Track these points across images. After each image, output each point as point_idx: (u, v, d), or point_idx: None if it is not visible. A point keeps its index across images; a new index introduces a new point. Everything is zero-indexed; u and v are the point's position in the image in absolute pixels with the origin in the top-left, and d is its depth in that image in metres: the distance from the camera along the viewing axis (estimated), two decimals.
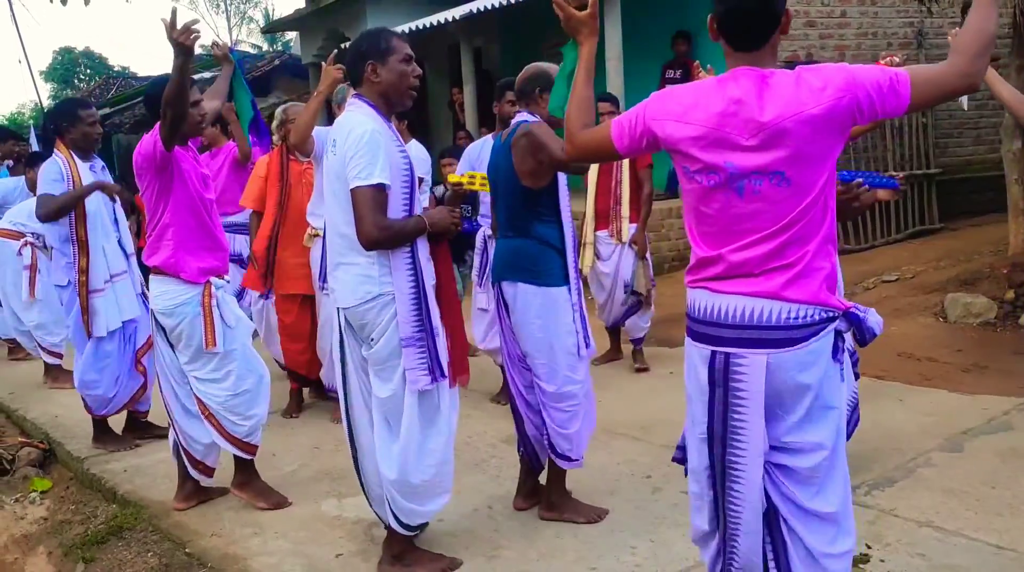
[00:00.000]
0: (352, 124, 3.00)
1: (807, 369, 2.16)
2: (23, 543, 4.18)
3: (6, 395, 6.31)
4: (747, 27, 2.13)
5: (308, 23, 13.53)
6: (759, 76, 2.11)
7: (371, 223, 2.92)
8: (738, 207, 2.15)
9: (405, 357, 3.03)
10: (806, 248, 2.13)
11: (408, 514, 3.16)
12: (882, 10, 9.12)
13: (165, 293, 3.77)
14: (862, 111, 2.06)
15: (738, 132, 2.10)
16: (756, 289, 2.15)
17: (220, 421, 3.85)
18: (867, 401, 4.96)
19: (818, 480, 2.23)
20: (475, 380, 5.69)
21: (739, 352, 2.18)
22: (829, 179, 2.15)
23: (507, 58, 11.68)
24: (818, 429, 2.21)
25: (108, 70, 34.84)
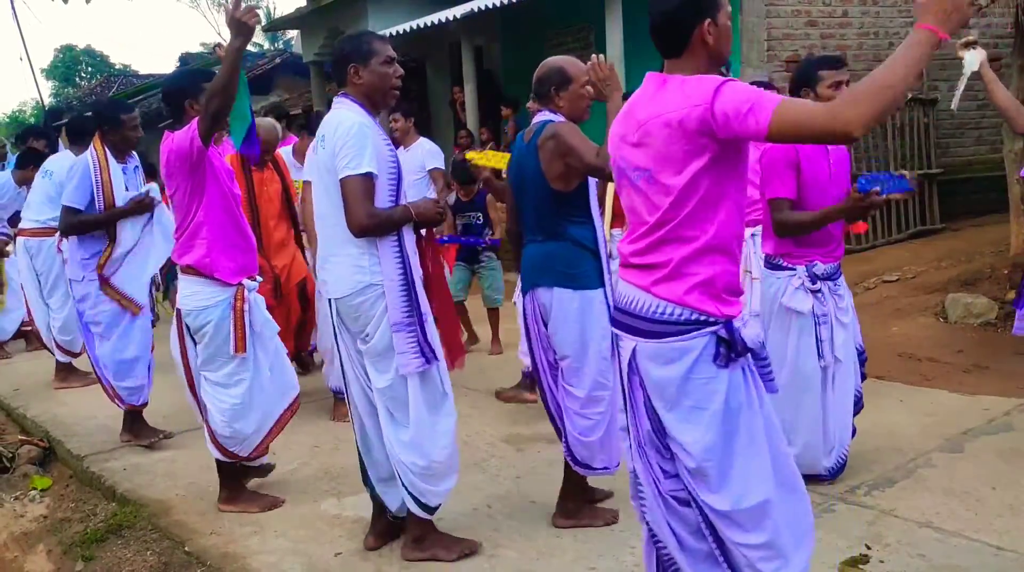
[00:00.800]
0: (340, 119, 3.13)
1: (668, 364, 2.25)
2: (23, 541, 4.19)
3: (8, 392, 6.31)
4: (664, 37, 2.29)
5: (309, 21, 13.52)
6: (660, 80, 2.28)
7: (360, 211, 3.04)
8: (626, 200, 2.36)
9: (396, 342, 3.13)
10: (678, 251, 2.23)
11: (427, 495, 3.27)
12: (884, 9, 9.11)
13: (197, 293, 3.70)
14: (717, 125, 2.10)
15: (628, 130, 2.30)
16: (633, 280, 2.32)
17: (213, 428, 3.80)
18: (867, 401, 4.96)
19: (708, 479, 2.27)
20: (475, 378, 5.70)
21: (619, 334, 2.38)
22: (708, 186, 2.18)
23: (508, 57, 11.68)
24: (690, 429, 2.26)
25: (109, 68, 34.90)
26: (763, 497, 2.27)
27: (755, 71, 8.25)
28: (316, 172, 3.25)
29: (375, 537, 3.48)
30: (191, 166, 3.60)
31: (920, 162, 9.07)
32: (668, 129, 2.17)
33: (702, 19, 2.25)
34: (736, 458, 2.26)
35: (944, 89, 9.49)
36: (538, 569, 3.27)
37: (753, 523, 2.27)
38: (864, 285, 7.35)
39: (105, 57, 38.28)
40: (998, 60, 9.71)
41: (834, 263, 3.82)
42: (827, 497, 3.72)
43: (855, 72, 9.18)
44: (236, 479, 3.97)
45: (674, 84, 2.23)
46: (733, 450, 2.26)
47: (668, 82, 2.25)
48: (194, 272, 3.70)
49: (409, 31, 10.25)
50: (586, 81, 3.32)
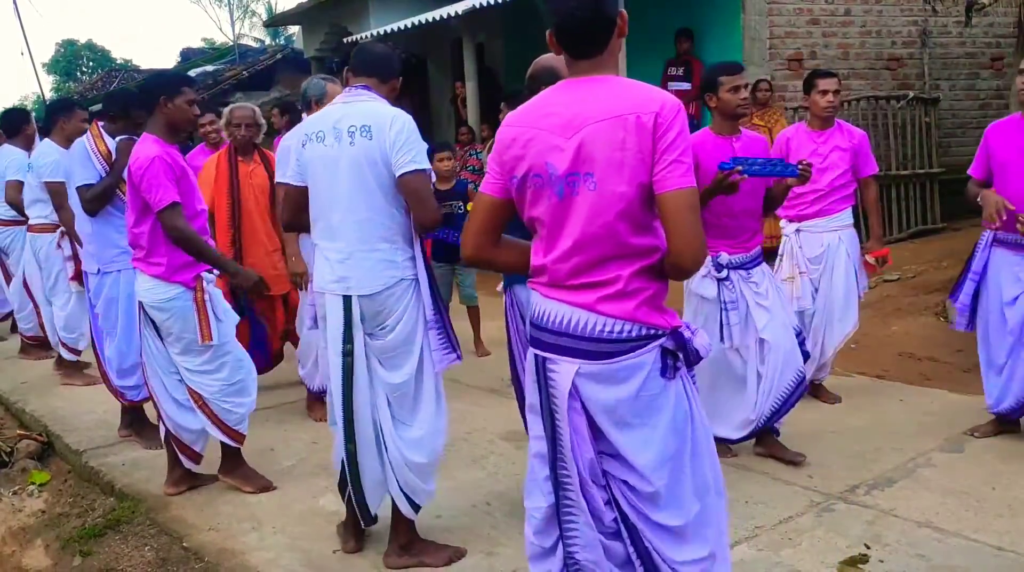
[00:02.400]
0: (391, 111, 3.11)
1: (619, 384, 2.13)
2: (21, 536, 4.18)
3: (8, 389, 6.30)
4: (589, 34, 2.14)
5: (311, 17, 13.50)
6: (585, 82, 2.16)
7: (434, 205, 3.10)
8: (548, 211, 2.19)
9: (432, 339, 3.20)
10: (627, 267, 2.12)
11: (419, 494, 3.28)
12: (886, 8, 9.09)
13: (155, 288, 3.79)
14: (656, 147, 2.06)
15: (555, 133, 2.14)
16: (569, 298, 2.17)
17: (214, 409, 3.91)
18: (867, 400, 4.97)
19: (659, 497, 2.18)
20: (475, 375, 5.70)
21: (553, 357, 2.19)
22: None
23: (510, 54, 11.65)
24: (638, 447, 2.16)
25: (111, 63, 34.85)
26: (706, 504, 2.23)
27: (758, 69, 8.23)
28: (338, 166, 3.10)
29: (356, 541, 3.45)
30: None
31: (921, 161, 9.05)
32: (622, 131, 2.04)
33: (617, 11, 2.16)
34: (684, 471, 2.19)
35: (946, 88, 9.49)
36: None
37: (699, 533, 2.21)
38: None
39: (106, 52, 38.20)
40: (1001, 59, 9.72)
41: (745, 254, 3.99)
42: (827, 496, 3.72)
43: (857, 71, 9.24)
44: (238, 453, 4.10)
45: (611, 84, 2.12)
46: (682, 463, 2.19)
47: (600, 83, 2.13)
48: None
49: (411, 27, 10.23)
50: None
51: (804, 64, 8.62)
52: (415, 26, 10.11)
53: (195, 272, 3.81)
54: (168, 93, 3.77)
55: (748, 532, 3.41)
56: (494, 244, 2.34)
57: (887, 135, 8.84)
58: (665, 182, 2.03)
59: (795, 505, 3.64)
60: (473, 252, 2.35)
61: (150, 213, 3.74)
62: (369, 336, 3.16)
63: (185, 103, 3.81)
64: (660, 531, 2.20)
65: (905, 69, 9.28)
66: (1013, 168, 4.08)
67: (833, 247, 4.73)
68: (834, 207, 4.72)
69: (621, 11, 2.16)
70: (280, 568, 3.36)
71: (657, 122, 2.02)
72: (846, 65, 8.90)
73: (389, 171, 3.06)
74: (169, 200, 3.65)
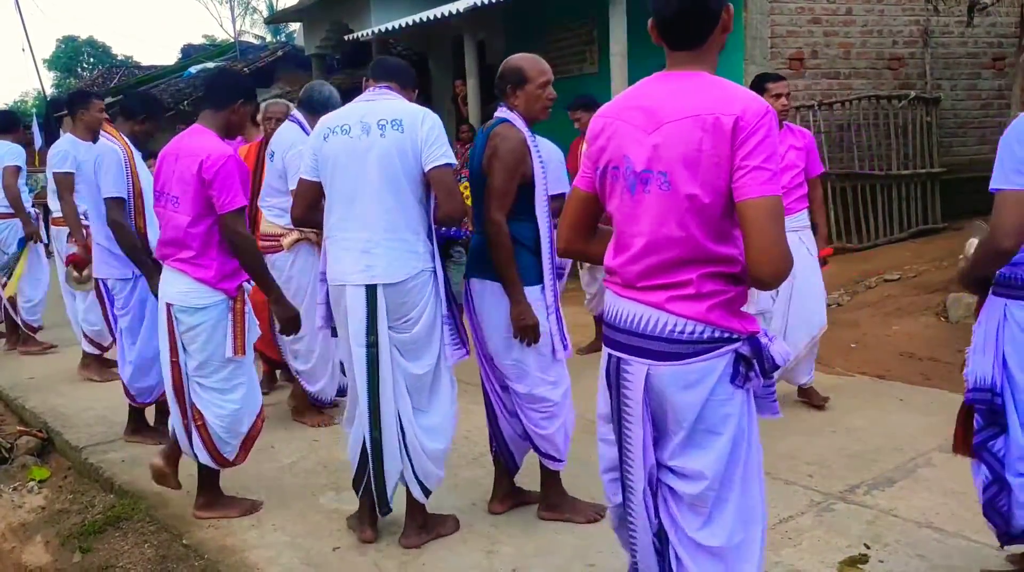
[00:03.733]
0: (420, 108, 3.28)
1: (689, 388, 2.07)
2: (20, 532, 4.18)
3: (9, 385, 6.30)
4: (690, 24, 2.05)
5: (312, 14, 13.49)
6: (678, 76, 2.10)
7: (460, 197, 3.22)
8: (622, 207, 2.17)
9: (446, 333, 3.34)
10: (700, 270, 2.06)
11: (432, 479, 3.42)
12: (888, 8, 9.08)
13: (193, 291, 3.56)
14: (737, 150, 2.00)
15: (639, 127, 2.10)
16: (639, 297, 2.13)
17: (212, 436, 3.66)
18: (867, 400, 4.97)
19: (704, 510, 2.12)
20: (474, 375, 5.67)
21: (626, 358, 2.15)
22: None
23: (511, 51, 11.59)
24: (700, 455, 2.10)
25: (111, 59, 34.84)
26: (752, 535, 2.15)
27: (759, 68, 8.22)
28: (367, 158, 3.16)
29: (373, 530, 3.49)
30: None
31: (922, 161, 9.04)
32: (700, 132, 1.96)
33: (723, 4, 2.06)
34: (733, 489, 2.12)
35: (947, 88, 9.48)
36: (536, 565, 3.26)
37: (738, 566, 2.13)
38: (865, 284, 7.33)
39: (107, 48, 38.17)
40: (1003, 59, 9.71)
41: None
42: (827, 496, 3.72)
43: (858, 70, 9.23)
44: (216, 485, 3.85)
45: (700, 81, 2.04)
46: (732, 481, 2.12)
47: (691, 78, 2.05)
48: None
49: (412, 24, 10.22)
50: (544, 82, 3.37)
51: (806, 63, 8.62)
52: (416, 23, 10.10)
53: (240, 281, 3.63)
54: (245, 98, 3.72)
55: None
56: (587, 237, 2.34)
57: (888, 135, 8.84)
58: (744, 190, 1.94)
59: (795, 504, 3.64)
60: (566, 245, 2.38)
61: (211, 214, 3.53)
62: (391, 329, 3.21)
63: (250, 111, 3.82)
64: (698, 551, 2.14)
65: (907, 69, 9.28)
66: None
67: (795, 247, 4.69)
68: (793, 207, 4.62)
69: (728, 5, 2.07)
70: (279, 566, 3.36)
71: (738, 126, 1.93)
72: (847, 64, 8.90)
73: (419, 164, 3.18)
74: (239, 204, 3.50)
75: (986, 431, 2.84)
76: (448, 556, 3.35)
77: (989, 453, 2.83)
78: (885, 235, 8.80)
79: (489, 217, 3.28)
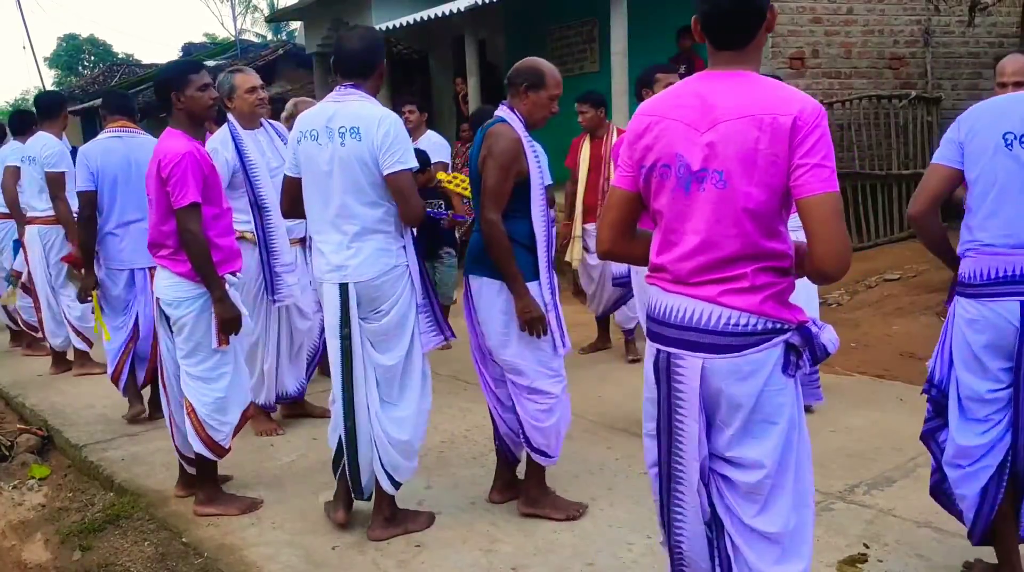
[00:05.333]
0: (378, 113, 3.25)
1: (744, 380, 2.10)
2: (20, 530, 4.18)
3: (9, 382, 6.31)
4: (737, 24, 2.07)
5: (313, 12, 13.49)
6: (730, 75, 2.12)
7: (418, 202, 3.28)
8: (671, 204, 2.18)
9: (420, 322, 3.42)
10: (753, 265, 2.09)
11: (401, 471, 3.47)
12: (889, 7, 9.07)
13: (177, 285, 3.66)
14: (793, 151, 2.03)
15: (695, 123, 2.11)
16: (691, 293, 2.14)
17: (203, 422, 3.72)
18: (867, 400, 4.97)
19: (761, 498, 2.16)
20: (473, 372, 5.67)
21: (679, 353, 2.16)
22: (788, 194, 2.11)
23: (512, 50, 11.64)
24: (757, 444, 2.14)
25: (112, 57, 34.84)
26: (805, 519, 2.20)
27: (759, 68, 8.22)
28: (332, 165, 3.26)
29: (346, 512, 3.62)
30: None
31: (923, 161, 9.02)
32: (757, 131, 2.00)
33: (768, 3, 2.08)
34: (787, 475, 2.16)
35: (948, 87, 9.48)
36: (535, 564, 3.26)
37: (794, 548, 2.18)
38: (865, 283, 7.34)
39: (108, 46, 38.20)
40: None
41: None
42: (826, 496, 3.71)
43: (859, 70, 9.22)
44: (215, 480, 3.90)
45: (751, 81, 2.07)
46: (787, 468, 2.16)
47: (740, 78, 2.08)
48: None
49: (413, 23, 10.22)
50: (556, 95, 3.42)
51: (806, 63, 8.62)
52: (417, 22, 10.11)
53: (220, 273, 3.66)
54: (176, 87, 3.67)
55: None
56: (629, 238, 2.33)
57: (889, 134, 8.83)
58: (807, 186, 1.98)
59: None
60: (610, 246, 2.36)
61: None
62: (363, 320, 3.33)
63: (196, 91, 3.66)
64: (753, 537, 2.17)
65: (907, 68, 9.27)
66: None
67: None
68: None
69: (771, 4, 2.10)
70: (279, 564, 3.36)
71: (796, 125, 1.97)
72: (848, 64, 8.89)
73: (378, 169, 3.23)
74: (190, 200, 3.54)
75: (933, 421, 2.99)
76: (447, 554, 3.36)
77: (935, 443, 2.99)
78: (885, 235, 8.80)
79: (484, 216, 3.31)
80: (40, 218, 6.28)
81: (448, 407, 5.11)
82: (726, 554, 2.21)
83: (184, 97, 3.66)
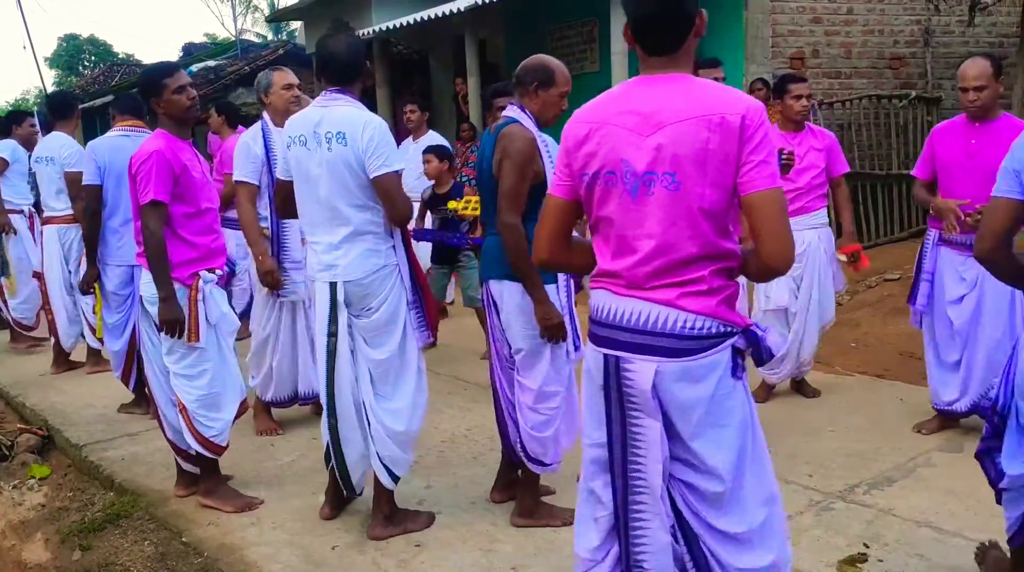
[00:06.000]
0: (362, 118, 3.30)
1: (697, 383, 2.09)
2: (20, 529, 4.18)
3: (9, 382, 6.31)
4: (665, 30, 2.08)
5: (313, 12, 13.50)
6: (662, 79, 2.12)
7: (404, 204, 3.33)
8: (621, 210, 2.16)
9: (411, 319, 3.45)
10: (709, 266, 2.09)
11: (399, 464, 3.51)
12: (889, 7, 9.07)
13: (152, 282, 3.66)
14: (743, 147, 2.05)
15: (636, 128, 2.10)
16: (645, 296, 2.12)
17: (192, 419, 3.77)
18: (867, 400, 4.97)
19: (723, 501, 2.14)
20: (475, 372, 5.70)
21: (628, 356, 2.13)
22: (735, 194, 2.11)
23: (512, 50, 11.63)
24: (712, 449, 2.12)
25: (112, 57, 34.83)
26: (772, 512, 2.19)
27: (759, 68, 8.23)
28: (322, 168, 3.30)
29: (332, 509, 3.70)
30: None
31: None
32: (707, 131, 2.00)
33: (697, 9, 2.10)
34: (745, 476, 2.16)
35: (948, 87, 9.47)
36: (535, 564, 3.26)
37: (763, 543, 2.17)
38: (865, 283, 7.33)
39: (108, 46, 38.17)
40: (1004, 59, 9.69)
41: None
42: (826, 496, 3.72)
43: (859, 70, 9.22)
44: (217, 472, 3.94)
45: (689, 84, 2.08)
46: (744, 467, 2.16)
47: (677, 81, 2.08)
48: None
49: (413, 23, 10.22)
50: (566, 92, 3.41)
51: (807, 63, 8.62)
52: (417, 22, 10.10)
53: (193, 270, 3.70)
54: (154, 93, 3.69)
55: None
56: (567, 247, 2.32)
57: (889, 134, 8.84)
58: (754, 183, 2.01)
59: (794, 504, 3.64)
60: (548, 256, 2.34)
61: None
62: (356, 317, 3.39)
63: (173, 95, 3.67)
64: (722, 538, 2.16)
65: (907, 68, 9.27)
66: (958, 170, 4.13)
67: (813, 245, 4.82)
68: (812, 205, 4.81)
69: (700, 10, 2.10)
70: (279, 563, 3.36)
71: (744, 123, 1.99)
72: (848, 64, 8.89)
73: (365, 173, 3.29)
74: (151, 197, 3.55)
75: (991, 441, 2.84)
76: (447, 554, 3.36)
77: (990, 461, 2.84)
78: (886, 234, 8.80)
79: (503, 219, 3.26)
80: (58, 218, 6.28)
81: (448, 407, 5.11)
82: (702, 554, 2.18)
83: (163, 102, 3.69)
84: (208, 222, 3.82)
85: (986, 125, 4.07)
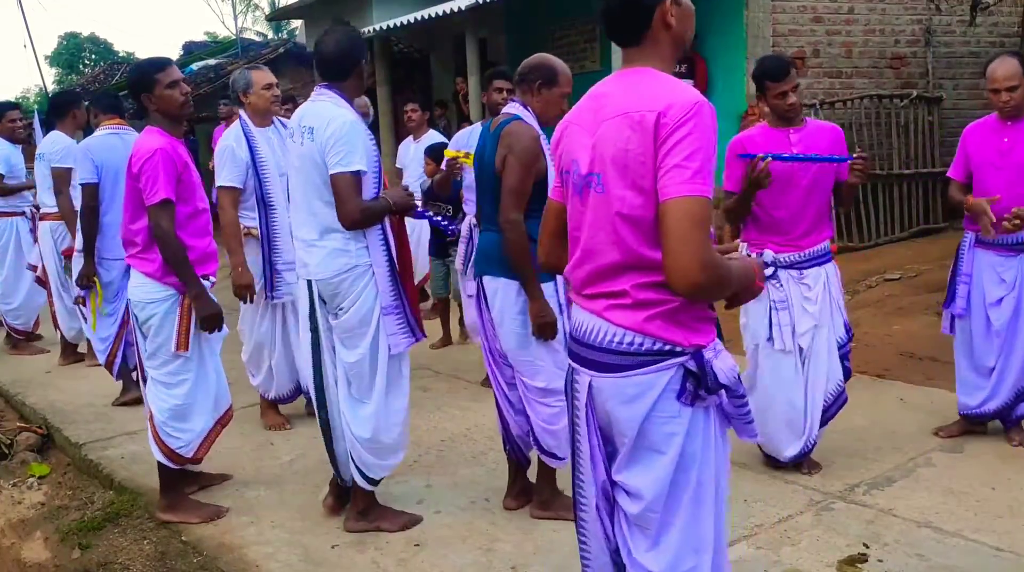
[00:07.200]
0: (330, 114, 3.25)
1: (628, 403, 1.94)
2: (20, 528, 4.18)
3: (9, 381, 6.30)
4: (620, 21, 2.01)
5: (314, 11, 13.50)
6: (626, 74, 2.04)
7: (352, 206, 3.21)
8: (572, 213, 2.11)
9: (386, 324, 3.35)
10: (636, 278, 1.94)
11: (373, 469, 3.47)
12: (890, 7, 9.06)
13: (144, 285, 3.63)
14: (658, 146, 1.90)
15: (585, 126, 2.06)
16: (586, 305, 2.05)
17: (158, 429, 3.68)
18: (867, 400, 4.97)
19: (650, 533, 2.00)
20: (474, 371, 5.69)
21: (576, 367, 2.07)
22: None
23: (512, 49, 11.63)
24: (641, 473, 1.98)
25: (113, 55, 34.87)
26: (700, 564, 2.01)
27: None
28: (299, 160, 3.35)
29: (335, 499, 3.69)
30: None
31: (924, 161, 9.03)
32: (628, 130, 1.87)
33: (659, 2, 1.98)
34: (679, 515, 1.98)
35: (949, 87, 9.47)
36: (535, 563, 3.26)
37: None
38: (866, 283, 7.32)
39: (109, 45, 38.23)
40: None
41: (796, 252, 3.86)
42: (826, 496, 3.71)
43: (860, 69, 9.21)
44: (177, 486, 3.81)
45: (643, 78, 1.95)
46: (679, 505, 1.98)
47: (635, 76, 1.97)
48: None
49: (413, 22, 10.21)
50: (568, 92, 3.41)
51: (807, 62, 8.61)
52: (418, 21, 10.10)
53: None
54: (145, 89, 3.60)
55: (747, 531, 3.41)
56: (565, 249, 2.18)
57: (890, 134, 8.82)
58: (664, 190, 1.82)
59: (794, 504, 3.64)
60: (545, 258, 2.33)
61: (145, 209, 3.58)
62: (332, 315, 3.40)
63: (165, 90, 3.58)
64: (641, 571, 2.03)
65: (909, 68, 9.26)
66: (990, 170, 4.10)
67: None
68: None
69: (664, 3, 1.98)
70: (278, 562, 3.36)
71: (659, 121, 1.82)
72: (849, 63, 8.88)
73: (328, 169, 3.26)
74: (162, 196, 3.49)
75: None
76: (447, 553, 3.35)
77: None
78: (886, 234, 8.79)
79: (506, 216, 3.26)
80: (51, 214, 6.31)
81: (448, 407, 5.11)
82: None
83: (155, 97, 3.61)
84: (203, 223, 3.75)
85: (1018, 124, 4.03)
